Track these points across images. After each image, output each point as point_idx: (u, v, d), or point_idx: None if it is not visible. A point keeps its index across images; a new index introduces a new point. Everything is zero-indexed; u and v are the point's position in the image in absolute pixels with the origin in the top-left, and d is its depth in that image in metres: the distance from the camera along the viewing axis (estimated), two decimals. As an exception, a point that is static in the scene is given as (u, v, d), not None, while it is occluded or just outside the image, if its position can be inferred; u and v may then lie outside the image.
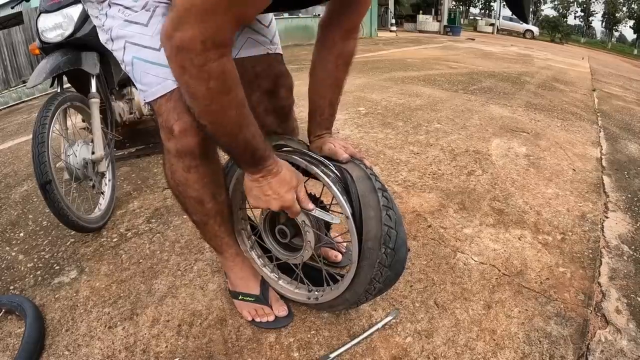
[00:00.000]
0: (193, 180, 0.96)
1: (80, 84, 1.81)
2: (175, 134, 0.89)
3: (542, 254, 1.47)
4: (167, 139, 0.92)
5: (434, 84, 4.63)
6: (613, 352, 1.07)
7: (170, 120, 0.89)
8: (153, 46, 0.86)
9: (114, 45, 0.91)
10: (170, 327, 1.12)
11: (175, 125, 0.89)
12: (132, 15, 0.88)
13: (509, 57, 8.83)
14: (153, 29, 0.87)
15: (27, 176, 2.26)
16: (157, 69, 0.87)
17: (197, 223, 1.07)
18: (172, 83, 0.87)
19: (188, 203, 1.01)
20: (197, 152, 0.92)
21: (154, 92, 0.88)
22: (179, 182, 0.97)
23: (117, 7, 0.89)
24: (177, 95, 0.87)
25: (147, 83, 0.88)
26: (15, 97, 6.03)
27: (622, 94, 5.57)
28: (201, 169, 0.95)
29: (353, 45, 1.05)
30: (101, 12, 0.92)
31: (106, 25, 0.91)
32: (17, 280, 1.36)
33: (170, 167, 0.96)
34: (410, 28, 21.10)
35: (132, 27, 0.88)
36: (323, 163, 0.93)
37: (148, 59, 0.87)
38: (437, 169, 2.16)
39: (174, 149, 0.92)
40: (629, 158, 2.61)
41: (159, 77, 0.87)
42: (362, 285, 0.94)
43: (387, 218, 0.88)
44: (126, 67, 0.91)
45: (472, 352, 1.04)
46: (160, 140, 0.95)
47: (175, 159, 0.94)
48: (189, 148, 0.91)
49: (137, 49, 0.87)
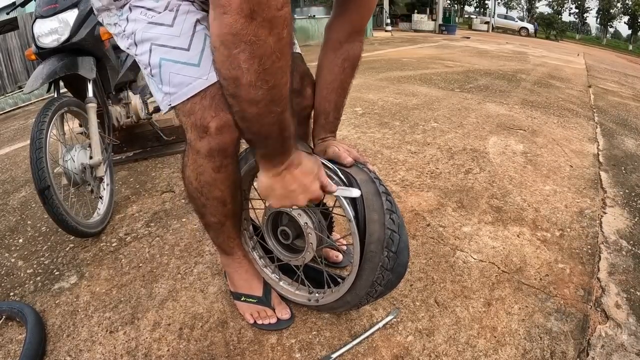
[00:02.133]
0: (221, 180, 0.94)
1: (77, 88, 1.80)
2: (211, 131, 0.86)
3: (541, 250, 1.47)
4: (199, 138, 0.88)
5: (430, 83, 4.64)
6: (614, 346, 1.07)
7: (207, 117, 0.86)
8: (181, 46, 0.85)
9: (138, 49, 0.89)
10: (172, 331, 1.12)
11: (212, 122, 0.86)
12: (155, 17, 0.87)
13: (505, 55, 8.85)
14: (179, 28, 0.86)
15: (25, 182, 2.25)
16: (188, 68, 0.85)
17: (214, 225, 1.05)
18: (203, 82, 0.85)
19: (210, 205, 0.99)
20: (230, 150, 0.91)
21: (186, 92, 0.86)
22: (206, 184, 0.95)
23: (138, 9, 0.88)
24: (212, 92, 0.86)
25: (178, 84, 0.86)
26: (11, 103, 6.02)
27: (617, 89, 5.60)
28: (230, 168, 0.94)
29: (359, 47, 1.05)
30: (121, 18, 0.91)
31: (128, 30, 0.90)
32: (17, 286, 1.36)
33: (196, 168, 0.93)
34: (406, 27, 21.15)
35: (157, 28, 0.86)
36: (328, 166, 0.94)
37: (178, 59, 0.85)
38: (434, 167, 2.16)
39: (206, 148, 0.89)
40: (626, 153, 2.63)
41: (190, 76, 0.85)
42: (364, 288, 0.94)
43: (390, 222, 0.88)
44: (152, 70, 0.89)
45: (473, 350, 1.05)
46: (158, 144, 0.95)
47: (205, 159, 0.91)
48: (224, 145, 0.89)
49: (165, 50, 0.86)
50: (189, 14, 0.88)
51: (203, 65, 0.86)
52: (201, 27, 0.89)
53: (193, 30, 0.87)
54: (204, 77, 0.85)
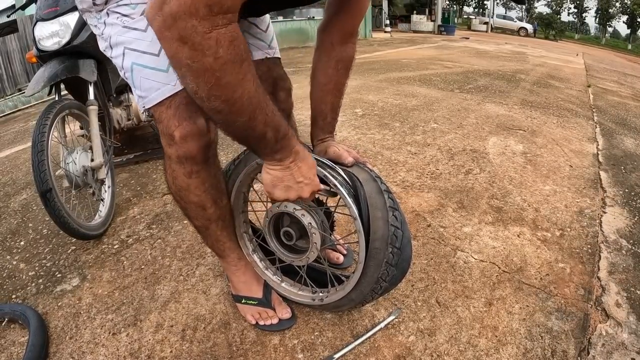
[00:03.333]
0: (195, 185, 0.96)
1: (78, 91, 1.81)
2: (176, 140, 0.89)
3: (542, 250, 1.48)
4: (168, 145, 0.91)
5: (429, 83, 4.64)
6: (614, 345, 1.08)
7: (171, 126, 0.88)
8: (152, 51, 0.87)
9: (113, 52, 0.91)
10: (175, 332, 1.13)
11: (177, 131, 0.88)
12: (130, 22, 0.89)
13: (504, 55, 8.87)
14: (151, 34, 0.85)
15: (26, 184, 2.26)
16: (156, 74, 0.87)
17: (199, 228, 1.07)
18: (171, 88, 0.87)
19: (190, 208, 1.01)
20: (199, 157, 0.92)
21: (154, 97, 0.88)
22: (181, 188, 0.97)
23: (115, 14, 0.90)
24: (177, 101, 0.87)
25: (147, 89, 0.88)
26: (11, 106, 6.02)
27: (617, 89, 5.61)
28: (202, 174, 0.95)
29: (352, 49, 1.07)
30: (100, 21, 0.93)
31: (105, 33, 0.92)
32: (19, 289, 1.36)
33: (171, 173, 0.96)
34: (405, 28, 21.16)
35: (130, 33, 0.88)
36: (330, 166, 0.94)
37: (147, 64, 0.87)
38: (435, 168, 2.17)
39: (175, 155, 0.91)
40: (625, 153, 2.63)
41: (158, 82, 0.87)
42: (369, 285, 0.95)
43: (393, 219, 0.90)
44: (125, 73, 0.91)
45: (474, 349, 1.05)
46: (159, 147, 0.96)
47: (176, 165, 0.93)
48: (190, 154, 0.91)
49: (137, 54, 0.88)
50: None
51: (171, 72, 0.85)
52: None
53: None
54: (171, 83, 0.86)
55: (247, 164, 1.03)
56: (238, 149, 2.44)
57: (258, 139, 0.77)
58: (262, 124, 0.74)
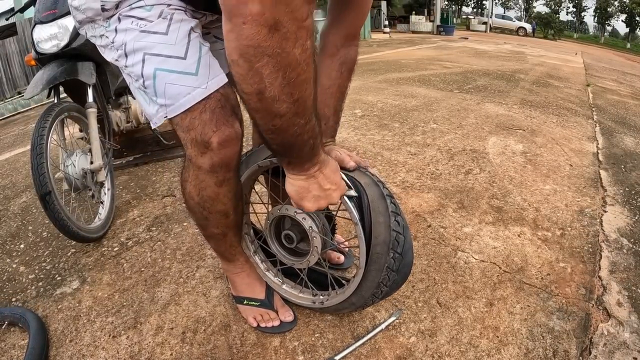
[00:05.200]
0: (224, 193, 0.93)
1: (77, 94, 1.81)
2: (213, 147, 0.83)
3: (542, 250, 1.48)
4: (200, 154, 0.85)
5: (428, 84, 4.64)
6: (616, 344, 1.07)
7: (208, 132, 0.82)
8: (177, 55, 0.81)
9: (129, 60, 0.84)
10: (175, 335, 1.12)
11: (214, 137, 0.83)
12: (148, 26, 0.82)
13: (503, 55, 8.87)
14: (174, 36, 0.82)
15: (25, 187, 2.26)
16: (184, 78, 0.81)
17: (217, 236, 1.04)
18: (203, 91, 0.82)
19: (213, 218, 0.98)
20: (234, 163, 0.89)
21: (183, 103, 0.82)
22: (208, 198, 0.93)
23: (129, 19, 0.83)
24: (212, 105, 0.83)
25: (174, 95, 0.81)
26: (10, 109, 6.02)
27: (616, 88, 5.61)
28: (232, 182, 0.93)
29: (355, 51, 1.07)
30: (108, 29, 0.86)
31: (117, 41, 0.85)
32: (19, 292, 1.36)
33: (198, 184, 0.91)
34: (404, 29, 21.17)
35: (150, 37, 0.82)
36: None
37: (173, 68, 0.81)
38: (434, 169, 2.17)
39: (208, 163, 0.86)
40: (625, 151, 2.63)
41: (188, 86, 0.81)
42: (370, 289, 0.95)
43: (395, 224, 0.89)
44: (145, 82, 0.83)
45: (476, 350, 1.05)
46: (158, 149, 0.95)
47: (207, 174, 0.88)
48: (227, 160, 0.86)
49: (160, 59, 0.81)
50: (183, 22, 0.85)
51: (201, 74, 0.82)
52: (195, 35, 0.86)
53: (188, 39, 0.83)
54: (202, 86, 0.82)
55: (248, 166, 1.03)
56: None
57: (301, 145, 0.72)
58: (311, 129, 0.70)
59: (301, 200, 0.82)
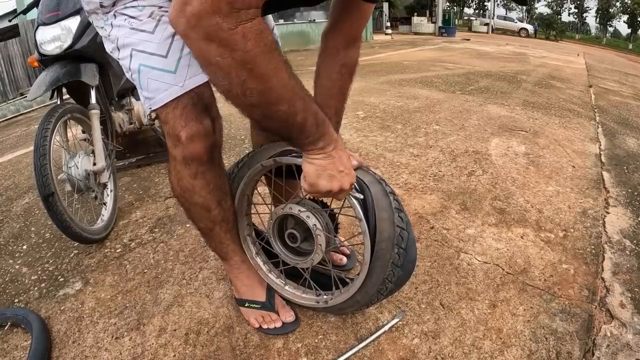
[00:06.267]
0: (200, 186, 0.96)
1: (80, 95, 1.81)
2: (182, 140, 0.90)
3: (545, 251, 1.47)
4: (173, 146, 0.92)
5: (431, 85, 4.64)
6: (619, 346, 1.07)
7: (178, 127, 0.89)
8: (159, 53, 0.88)
9: (120, 53, 0.92)
10: (178, 336, 1.12)
11: (183, 132, 0.89)
12: (138, 24, 0.89)
13: (505, 56, 8.87)
14: (159, 36, 0.88)
15: (28, 189, 2.26)
16: (164, 75, 0.87)
17: (203, 230, 1.07)
18: (179, 89, 0.88)
19: (194, 210, 1.02)
20: (205, 158, 0.93)
21: (161, 98, 0.89)
22: (185, 189, 0.98)
23: (122, 16, 0.90)
24: (184, 102, 0.89)
25: (154, 90, 0.89)
26: (13, 110, 6.03)
27: (618, 89, 5.60)
28: (208, 175, 0.96)
29: (356, 53, 1.07)
30: (106, 23, 0.93)
31: (112, 35, 0.92)
32: (22, 293, 1.36)
33: (176, 174, 0.97)
34: (405, 30, 21.21)
35: (138, 35, 0.89)
36: None
37: (155, 65, 0.88)
38: (437, 170, 2.16)
39: (180, 155, 0.92)
40: (628, 153, 2.62)
41: (166, 83, 0.88)
42: (375, 286, 0.95)
43: (399, 220, 0.91)
44: (132, 75, 0.91)
45: (479, 352, 1.05)
46: (161, 150, 0.96)
47: (181, 166, 0.94)
48: (196, 154, 0.92)
49: (144, 56, 0.88)
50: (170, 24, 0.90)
51: (179, 73, 0.88)
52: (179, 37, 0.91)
53: (172, 39, 0.89)
54: (179, 84, 0.87)
55: (250, 167, 1.03)
56: (240, 152, 2.44)
57: (300, 127, 0.76)
58: (302, 111, 0.73)
59: (317, 179, 0.83)
